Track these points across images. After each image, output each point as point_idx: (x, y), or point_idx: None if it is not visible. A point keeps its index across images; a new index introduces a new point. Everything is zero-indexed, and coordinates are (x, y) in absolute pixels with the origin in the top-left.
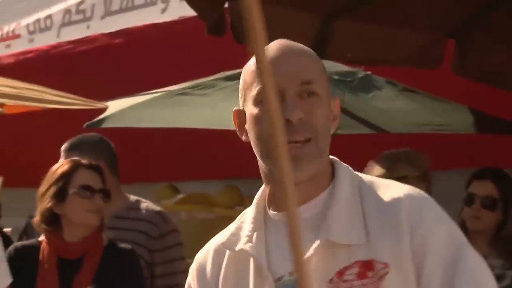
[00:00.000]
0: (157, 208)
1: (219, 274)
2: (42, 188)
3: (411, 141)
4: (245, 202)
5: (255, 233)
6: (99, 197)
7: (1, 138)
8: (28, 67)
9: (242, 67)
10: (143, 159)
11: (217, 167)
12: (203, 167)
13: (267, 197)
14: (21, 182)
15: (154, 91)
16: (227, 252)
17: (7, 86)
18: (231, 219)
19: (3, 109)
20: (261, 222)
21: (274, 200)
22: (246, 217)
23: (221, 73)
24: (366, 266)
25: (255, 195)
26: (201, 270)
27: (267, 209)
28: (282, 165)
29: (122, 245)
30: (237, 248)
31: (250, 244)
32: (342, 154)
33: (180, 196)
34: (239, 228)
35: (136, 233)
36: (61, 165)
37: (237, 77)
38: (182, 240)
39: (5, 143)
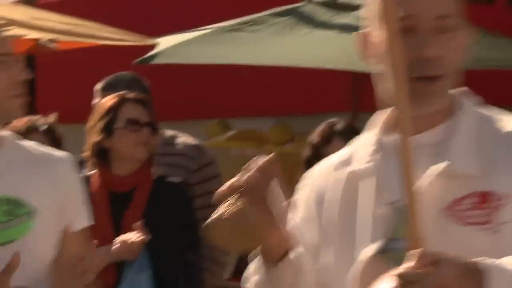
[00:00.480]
0: (193, 141)
1: (324, 194)
2: (90, 123)
3: (469, 77)
4: (295, 139)
5: (374, 155)
6: (147, 130)
7: (55, 73)
8: (77, 4)
9: (292, 3)
10: (194, 96)
11: (268, 104)
12: (254, 104)
13: (391, 122)
14: (76, 118)
15: (205, 27)
16: (337, 172)
17: (61, 23)
18: (282, 156)
19: (56, 45)
20: (381, 146)
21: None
22: (362, 141)
23: (272, 9)
24: (483, 197)
25: (305, 132)
26: (309, 186)
27: (388, 134)
28: (401, 100)
29: (172, 178)
30: (352, 169)
31: (368, 165)
32: None
33: (230, 132)
34: (354, 151)
35: (174, 167)
36: (108, 100)
37: (287, 13)
38: (220, 172)
39: (59, 78)
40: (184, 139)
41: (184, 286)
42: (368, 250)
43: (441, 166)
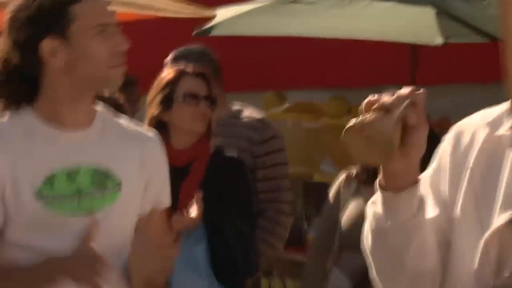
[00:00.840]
0: (259, 115)
1: (470, 148)
2: (149, 96)
3: None
4: (352, 112)
5: None
6: (205, 104)
7: None
8: None
9: None
10: (251, 67)
11: (325, 76)
12: (311, 76)
13: None
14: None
15: None
16: (486, 131)
17: None
18: (338, 128)
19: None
20: None
21: None
22: None
23: None
24: None
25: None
26: (457, 137)
27: None
28: None
29: (229, 153)
30: (501, 133)
31: None
32: (454, 62)
33: (287, 104)
34: (505, 113)
35: (239, 139)
36: (167, 73)
37: None
38: (285, 146)
39: None
40: (249, 112)
41: (240, 258)
42: (501, 218)
43: None
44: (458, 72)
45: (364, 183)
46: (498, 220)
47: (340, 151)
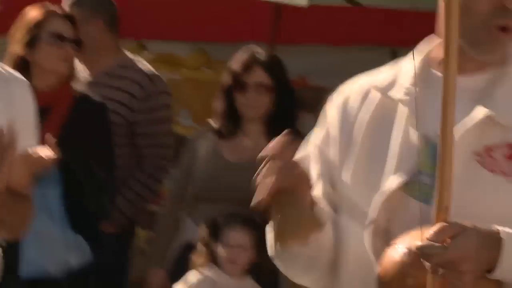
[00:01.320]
0: (149, 69)
1: (358, 113)
2: (13, 33)
3: (386, 15)
4: (212, 65)
5: (415, 87)
6: (70, 46)
7: None
8: None
9: None
10: None
11: (186, 29)
12: (171, 28)
13: (437, 56)
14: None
15: None
16: (373, 95)
17: None
18: (197, 81)
19: None
20: (422, 78)
21: None
22: (404, 69)
23: None
24: None
25: (222, 60)
26: (344, 103)
27: (432, 67)
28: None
29: (95, 98)
30: (393, 95)
31: (408, 97)
32: (316, 25)
33: (147, 55)
34: (395, 77)
35: (122, 92)
36: (34, 12)
37: None
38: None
39: None
40: (140, 65)
41: (94, 205)
42: (393, 181)
43: (481, 113)
44: (318, 34)
45: (222, 137)
46: (388, 183)
47: (201, 104)
